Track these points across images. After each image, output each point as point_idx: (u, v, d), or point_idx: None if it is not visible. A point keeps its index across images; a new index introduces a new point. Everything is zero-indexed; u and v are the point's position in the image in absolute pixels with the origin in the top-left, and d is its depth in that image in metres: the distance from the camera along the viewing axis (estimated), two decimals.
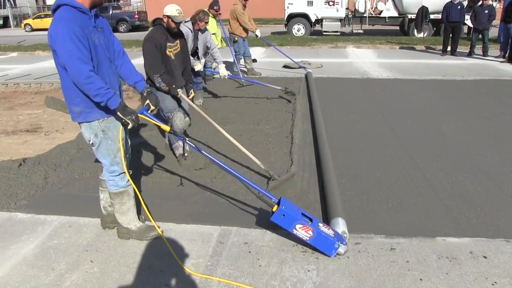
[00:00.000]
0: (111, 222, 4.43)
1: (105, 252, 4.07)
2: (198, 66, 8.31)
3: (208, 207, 4.90)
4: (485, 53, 16.28)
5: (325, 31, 25.43)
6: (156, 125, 4.19)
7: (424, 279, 3.56)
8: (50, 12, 42.47)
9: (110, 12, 35.59)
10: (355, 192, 5.21)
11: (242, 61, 13.12)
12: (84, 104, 3.65)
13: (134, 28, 35.61)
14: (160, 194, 5.25)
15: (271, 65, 14.88)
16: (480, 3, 16.97)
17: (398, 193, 5.16)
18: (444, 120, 8.03)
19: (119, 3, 46.53)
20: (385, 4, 24.76)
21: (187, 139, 4.40)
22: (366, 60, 16.22)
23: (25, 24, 41.26)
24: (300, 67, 13.84)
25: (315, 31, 26.23)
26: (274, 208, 4.03)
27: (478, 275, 3.61)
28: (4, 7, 43.52)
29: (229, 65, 13.75)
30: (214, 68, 8.94)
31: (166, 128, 4.16)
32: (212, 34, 11.08)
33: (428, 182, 5.44)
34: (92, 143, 3.87)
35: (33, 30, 40.11)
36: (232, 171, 4.38)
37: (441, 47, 17.55)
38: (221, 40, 11.70)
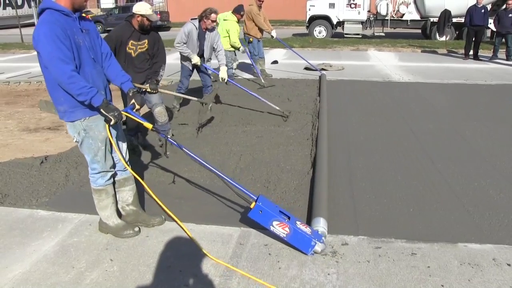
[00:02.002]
0: (130, 221, 4.47)
1: (125, 251, 4.08)
2: (195, 59, 8.17)
3: (227, 208, 4.90)
4: (508, 57, 16.05)
5: (346, 34, 25.37)
6: (139, 122, 4.27)
7: (446, 285, 3.52)
8: None
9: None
10: (375, 195, 5.17)
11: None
12: (67, 103, 3.78)
13: (156, 28, 35.73)
14: (180, 194, 5.26)
15: (292, 66, 14.84)
16: (504, 6, 16.79)
17: (419, 197, 5.11)
18: (466, 125, 7.95)
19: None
20: (407, 7, 24.59)
21: (168, 136, 4.51)
22: (387, 63, 16.13)
23: None
24: (315, 70, 13.76)
25: (337, 33, 26.16)
26: (252, 205, 4.08)
27: (502, 283, 3.55)
28: (30, 6, 43.94)
29: (247, 67, 13.83)
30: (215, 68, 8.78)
31: (149, 125, 4.24)
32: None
33: (450, 187, 5.38)
34: (76, 141, 4.02)
35: None
36: (212, 168, 4.39)
37: (463, 50, 17.36)
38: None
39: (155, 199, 4.23)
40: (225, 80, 8.47)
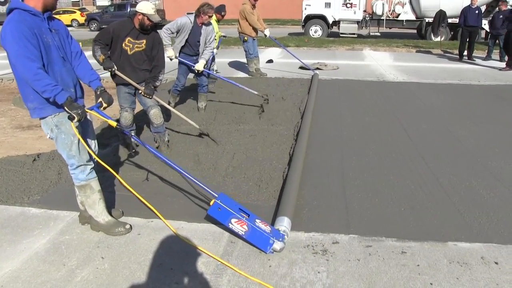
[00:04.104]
0: (89, 217, 4.50)
1: (116, 249, 4.09)
2: (170, 52, 8.01)
3: None
4: (502, 58, 16.11)
5: (342, 33, 25.40)
6: (105, 121, 4.33)
7: (435, 284, 3.55)
8: (68, 8, 42.79)
9: (128, 10, 35.75)
10: (367, 194, 5.19)
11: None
12: (37, 100, 3.86)
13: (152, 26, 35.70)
14: (172, 193, 5.27)
15: (288, 66, 14.85)
16: (497, 8, 16.84)
17: (410, 196, 5.13)
18: (459, 125, 7.98)
19: (137, 1, 46.69)
20: (402, 7, 24.65)
21: (132, 134, 4.57)
22: (382, 63, 16.17)
23: None
24: (308, 69, 13.75)
25: (332, 32, 26.20)
26: (211, 202, 4.15)
27: (489, 281, 3.58)
28: None
29: (239, 65, 13.85)
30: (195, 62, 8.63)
31: (113, 123, 4.33)
32: None
33: (441, 186, 5.41)
34: (50, 137, 4.12)
35: None
36: (176, 167, 4.47)
37: (457, 51, 17.40)
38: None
39: (136, 196, 4.22)
40: (200, 71, 8.32)
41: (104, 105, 4.23)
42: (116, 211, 4.70)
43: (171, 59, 8.14)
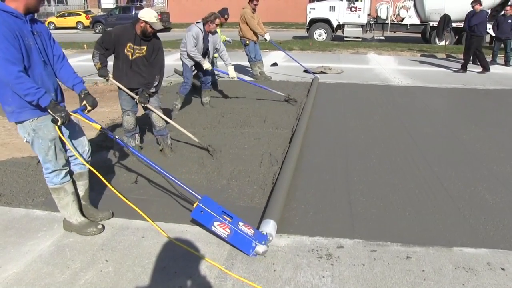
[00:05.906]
0: (88, 216, 4.55)
1: (120, 252, 4.08)
2: (206, 64, 8.53)
3: None
4: (507, 62, 16.07)
5: (346, 37, 25.44)
6: (88, 124, 4.34)
7: None
8: (73, 11, 42.88)
9: (133, 13, 35.80)
10: (372, 198, 5.17)
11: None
12: (15, 104, 3.79)
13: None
14: (177, 196, 5.24)
15: (293, 69, 14.82)
16: (502, 12, 16.81)
17: (415, 201, 5.11)
18: (464, 129, 7.95)
19: (142, 4, 46.79)
20: (407, 11, 24.66)
21: (117, 137, 4.66)
22: (387, 67, 16.14)
23: (49, 22, 41.54)
24: (309, 73, 13.71)
25: (337, 36, 26.19)
26: (194, 205, 4.16)
27: (496, 287, 3.56)
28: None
29: (242, 69, 13.86)
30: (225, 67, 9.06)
31: (97, 126, 4.35)
32: None
33: (446, 191, 5.39)
34: (26, 141, 4.06)
35: (56, 28, 40.38)
36: (160, 169, 4.52)
37: (462, 55, 17.30)
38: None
39: (120, 197, 4.23)
40: (235, 79, 8.96)
41: (88, 108, 4.25)
42: (106, 211, 4.72)
43: (208, 70, 8.78)
